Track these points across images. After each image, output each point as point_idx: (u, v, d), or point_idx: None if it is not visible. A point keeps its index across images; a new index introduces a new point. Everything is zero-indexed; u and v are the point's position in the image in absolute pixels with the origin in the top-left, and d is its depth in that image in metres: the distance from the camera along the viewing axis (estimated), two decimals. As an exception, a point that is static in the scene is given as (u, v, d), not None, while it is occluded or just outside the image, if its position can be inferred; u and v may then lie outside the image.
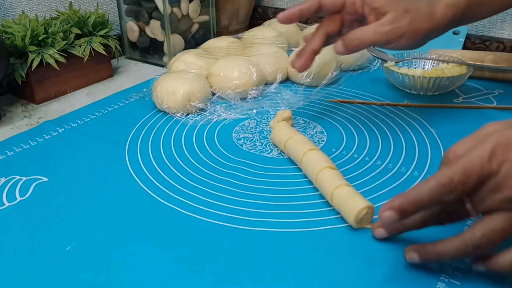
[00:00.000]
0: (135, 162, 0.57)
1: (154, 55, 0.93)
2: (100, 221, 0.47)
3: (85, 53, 0.78)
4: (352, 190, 0.46)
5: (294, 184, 0.52)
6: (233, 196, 0.50)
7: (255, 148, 0.60)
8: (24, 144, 0.62)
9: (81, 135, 0.64)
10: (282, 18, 0.55)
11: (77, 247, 0.44)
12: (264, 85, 0.75)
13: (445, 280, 0.39)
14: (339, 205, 0.46)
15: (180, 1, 0.88)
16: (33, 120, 0.71)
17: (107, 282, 0.40)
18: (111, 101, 0.75)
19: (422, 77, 0.70)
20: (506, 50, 0.84)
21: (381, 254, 0.42)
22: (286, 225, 0.46)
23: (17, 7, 0.82)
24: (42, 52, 0.72)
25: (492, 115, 0.66)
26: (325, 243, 0.44)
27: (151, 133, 0.64)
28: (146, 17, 0.89)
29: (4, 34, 0.72)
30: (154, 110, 0.71)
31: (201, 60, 0.76)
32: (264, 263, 0.41)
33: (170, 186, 0.52)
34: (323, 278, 0.40)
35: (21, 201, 0.50)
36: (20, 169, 0.56)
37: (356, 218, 0.44)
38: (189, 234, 0.45)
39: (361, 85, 0.77)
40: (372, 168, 0.55)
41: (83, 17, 0.79)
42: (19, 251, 0.43)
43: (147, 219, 0.47)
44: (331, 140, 0.61)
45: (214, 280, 0.40)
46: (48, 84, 0.76)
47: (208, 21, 0.95)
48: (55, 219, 0.48)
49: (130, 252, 0.43)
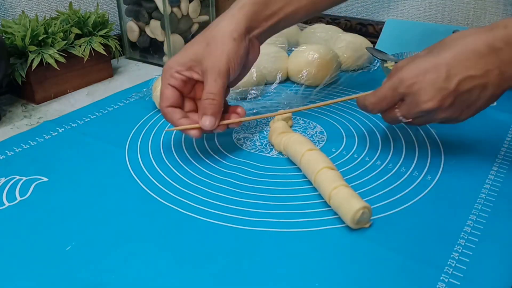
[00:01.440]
0: (135, 162, 0.57)
1: (154, 55, 0.93)
2: (100, 221, 0.47)
3: (85, 53, 0.78)
4: (349, 192, 0.46)
5: (294, 184, 0.52)
6: (233, 196, 0.50)
7: (255, 148, 0.60)
8: (24, 144, 0.62)
9: (81, 135, 0.64)
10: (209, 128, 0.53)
11: (77, 247, 0.44)
12: (264, 85, 0.75)
13: (445, 280, 0.39)
14: (336, 207, 0.46)
15: (180, 1, 0.88)
16: (33, 120, 0.71)
17: (107, 282, 0.40)
18: (111, 101, 0.75)
19: (422, 77, 0.70)
20: (506, 50, 0.84)
21: (380, 254, 0.42)
22: (286, 225, 0.46)
23: (17, 7, 0.82)
24: (42, 52, 0.72)
25: (492, 115, 0.66)
26: (325, 243, 0.44)
27: (151, 133, 0.64)
28: (146, 17, 0.89)
29: (4, 34, 0.72)
30: (154, 110, 0.71)
31: (201, 60, 0.76)
32: (264, 263, 0.41)
33: (170, 186, 0.52)
34: (323, 278, 0.40)
35: (21, 201, 0.50)
36: (20, 169, 0.56)
37: (353, 220, 0.44)
38: (189, 234, 0.45)
39: (361, 85, 0.77)
40: (372, 168, 0.55)
41: (83, 17, 0.79)
42: (19, 251, 0.43)
43: (147, 219, 0.47)
44: (331, 140, 0.61)
45: (214, 280, 0.40)
46: (48, 84, 0.76)
47: (208, 21, 0.95)
48: (55, 219, 0.48)
49: (130, 252, 0.43)
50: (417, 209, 0.48)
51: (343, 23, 1.01)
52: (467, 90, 0.47)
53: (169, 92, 0.54)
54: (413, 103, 0.49)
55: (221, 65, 0.52)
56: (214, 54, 0.52)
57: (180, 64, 0.53)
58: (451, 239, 0.43)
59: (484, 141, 0.60)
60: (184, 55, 0.54)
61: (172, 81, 0.54)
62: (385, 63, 0.76)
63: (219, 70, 0.52)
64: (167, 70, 0.54)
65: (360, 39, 0.85)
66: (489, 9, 0.86)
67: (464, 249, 0.42)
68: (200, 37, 0.54)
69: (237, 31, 0.53)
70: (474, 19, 0.88)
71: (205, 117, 0.52)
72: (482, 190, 0.50)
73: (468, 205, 0.48)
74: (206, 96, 0.52)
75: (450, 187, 0.51)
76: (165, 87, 0.54)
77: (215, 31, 0.53)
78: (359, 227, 0.45)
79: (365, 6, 0.99)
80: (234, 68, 0.53)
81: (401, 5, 0.95)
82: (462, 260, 0.41)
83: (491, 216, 0.46)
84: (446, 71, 0.47)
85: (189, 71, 0.54)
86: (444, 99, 0.47)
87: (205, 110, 0.52)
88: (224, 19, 0.54)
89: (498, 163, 0.55)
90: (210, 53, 0.52)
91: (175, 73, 0.53)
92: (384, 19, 0.96)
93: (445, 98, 0.47)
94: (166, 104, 0.54)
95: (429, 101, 0.47)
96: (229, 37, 0.52)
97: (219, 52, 0.52)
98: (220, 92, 0.52)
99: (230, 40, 0.52)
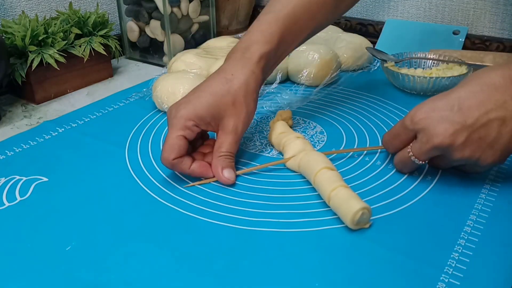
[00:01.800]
0: (135, 162, 0.57)
1: (154, 55, 0.93)
2: (100, 221, 0.47)
3: (85, 53, 0.78)
4: (348, 192, 0.46)
5: (294, 184, 0.52)
6: (233, 196, 0.50)
7: (255, 148, 0.60)
8: (24, 144, 0.62)
9: (81, 135, 0.64)
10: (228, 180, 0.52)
11: (77, 247, 0.44)
12: (264, 85, 0.75)
13: (445, 280, 0.39)
14: (336, 208, 0.46)
15: (180, 1, 0.88)
16: (33, 120, 0.71)
17: (107, 282, 0.40)
18: (111, 101, 0.75)
19: (422, 77, 0.70)
20: (506, 50, 0.84)
21: (380, 254, 0.42)
22: (286, 225, 0.46)
23: (17, 7, 0.82)
24: (42, 52, 0.72)
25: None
26: (325, 243, 0.44)
27: (151, 133, 0.64)
28: (146, 17, 0.89)
29: (4, 34, 0.72)
30: (154, 110, 0.71)
31: (201, 60, 0.76)
32: (264, 263, 0.41)
33: (170, 186, 0.52)
34: (323, 278, 0.40)
35: (21, 201, 0.50)
36: (20, 169, 0.56)
37: (353, 221, 0.43)
38: (189, 234, 0.45)
39: (361, 85, 0.77)
40: (372, 168, 0.55)
41: (83, 17, 0.79)
42: (19, 251, 0.43)
43: (147, 219, 0.47)
44: (331, 140, 0.61)
45: (214, 280, 0.40)
46: (48, 84, 0.76)
47: (208, 21, 0.95)
48: (55, 219, 0.48)
49: (130, 252, 0.43)
50: (417, 209, 0.48)
51: (343, 23, 1.01)
52: (483, 125, 0.44)
53: (180, 144, 0.50)
54: (424, 139, 0.46)
55: (243, 127, 0.52)
56: (238, 116, 0.52)
57: (199, 117, 0.51)
58: (451, 239, 0.43)
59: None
60: (201, 107, 0.51)
61: (187, 132, 0.50)
62: (385, 63, 0.76)
63: (241, 131, 0.52)
64: (181, 120, 0.50)
65: (360, 39, 0.85)
66: (489, 9, 0.86)
67: (464, 249, 0.42)
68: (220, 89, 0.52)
69: (257, 90, 0.54)
70: (474, 19, 0.88)
71: (226, 170, 0.51)
72: (482, 190, 0.50)
73: (468, 205, 0.48)
74: (225, 154, 0.52)
75: (450, 187, 0.51)
76: (176, 138, 0.50)
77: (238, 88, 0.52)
78: (359, 228, 0.45)
79: (365, 6, 0.99)
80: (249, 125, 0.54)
81: (401, 5, 0.95)
82: (462, 260, 0.41)
83: (491, 216, 0.46)
84: (458, 104, 0.44)
85: (207, 125, 0.52)
86: (456, 134, 0.44)
87: (224, 164, 0.51)
88: (244, 72, 0.52)
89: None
90: (234, 114, 0.51)
91: (193, 126, 0.51)
92: (384, 19, 0.96)
93: (458, 133, 0.44)
94: (174, 156, 0.50)
95: (440, 135, 0.45)
96: (251, 97, 0.53)
97: (243, 116, 0.52)
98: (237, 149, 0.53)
99: (253, 101, 0.53)
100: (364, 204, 0.44)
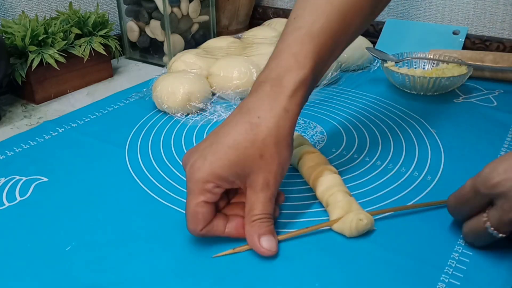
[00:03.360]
0: (135, 162, 0.57)
1: (154, 55, 0.93)
2: (100, 221, 0.47)
3: (85, 53, 0.78)
4: (343, 202, 0.45)
5: (294, 184, 0.52)
6: (233, 196, 0.50)
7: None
8: (24, 144, 0.62)
9: (81, 135, 0.64)
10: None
11: (77, 247, 0.44)
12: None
13: (445, 280, 0.39)
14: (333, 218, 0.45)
15: (180, 1, 0.88)
16: (33, 120, 0.71)
17: (107, 282, 0.40)
18: (111, 101, 0.75)
19: (422, 77, 0.70)
20: (506, 50, 0.84)
21: (380, 254, 0.42)
22: (286, 225, 0.46)
23: (17, 7, 0.82)
24: (42, 52, 0.72)
25: (492, 115, 0.66)
26: (325, 243, 0.43)
27: (151, 133, 0.64)
28: (146, 17, 0.89)
29: (4, 34, 0.72)
30: (154, 110, 0.71)
31: (201, 60, 0.76)
32: (264, 263, 0.41)
33: (170, 186, 0.52)
34: (323, 278, 0.40)
35: (21, 201, 0.50)
36: (20, 169, 0.56)
37: (351, 234, 0.43)
38: (189, 234, 0.45)
39: (361, 85, 0.77)
40: (372, 168, 0.55)
41: (83, 17, 0.79)
42: (19, 251, 0.43)
43: (147, 219, 0.47)
44: (331, 140, 0.61)
45: (214, 280, 0.40)
46: (48, 84, 0.76)
47: (208, 21, 0.95)
48: (55, 219, 0.48)
49: (130, 252, 0.43)
50: (417, 210, 0.48)
51: (343, 23, 1.01)
52: None
53: (204, 211, 0.41)
54: (506, 205, 0.37)
55: (276, 181, 0.42)
56: (269, 169, 0.41)
57: (219, 178, 0.41)
58: (451, 239, 0.43)
59: (484, 141, 0.60)
60: (221, 165, 0.41)
61: (208, 197, 0.41)
62: (385, 63, 0.76)
63: (274, 186, 0.42)
64: (199, 185, 0.41)
65: (360, 39, 0.84)
66: (489, 9, 0.86)
67: (464, 249, 0.42)
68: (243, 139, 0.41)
69: (292, 132, 0.43)
70: (474, 19, 0.88)
71: (264, 238, 0.42)
72: (482, 190, 0.50)
73: (468, 205, 0.48)
74: (259, 217, 0.42)
75: (450, 187, 0.51)
76: (196, 205, 0.41)
77: (266, 135, 0.41)
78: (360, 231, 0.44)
79: (365, 6, 0.99)
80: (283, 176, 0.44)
81: (401, 5, 0.95)
82: (462, 260, 0.41)
83: (491, 216, 0.46)
84: None
85: (231, 184, 0.42)
86: None
87: (261, 231, 0.42)
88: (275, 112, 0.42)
89: (498, 163, 0.55)
90: (263, 167, 0.41)
91: (215, 188, 0.41)
92: (384, 19, 0.96)
93: None
94: (201, 227, 0.42)
95: None
96: (284, 143, 0.42)
97: (275, 168, 0.42)
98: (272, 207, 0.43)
99: (286, 147, 0.42)
100: (360, 213, 0.43)
